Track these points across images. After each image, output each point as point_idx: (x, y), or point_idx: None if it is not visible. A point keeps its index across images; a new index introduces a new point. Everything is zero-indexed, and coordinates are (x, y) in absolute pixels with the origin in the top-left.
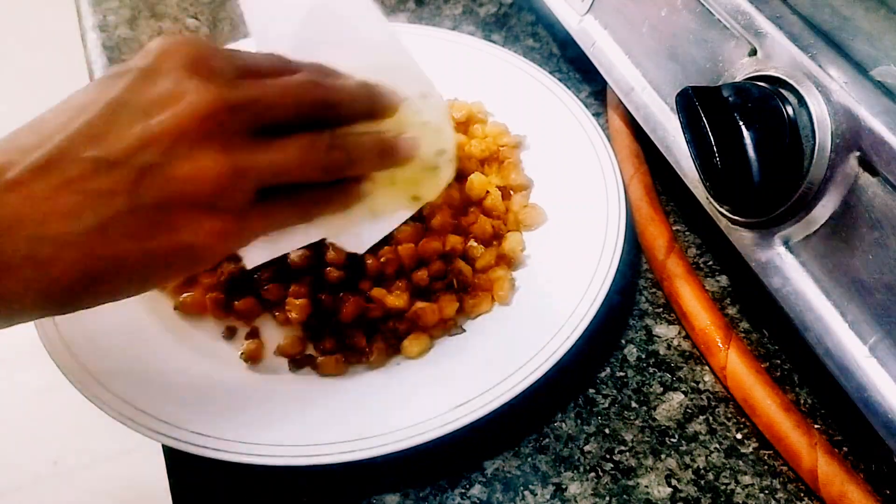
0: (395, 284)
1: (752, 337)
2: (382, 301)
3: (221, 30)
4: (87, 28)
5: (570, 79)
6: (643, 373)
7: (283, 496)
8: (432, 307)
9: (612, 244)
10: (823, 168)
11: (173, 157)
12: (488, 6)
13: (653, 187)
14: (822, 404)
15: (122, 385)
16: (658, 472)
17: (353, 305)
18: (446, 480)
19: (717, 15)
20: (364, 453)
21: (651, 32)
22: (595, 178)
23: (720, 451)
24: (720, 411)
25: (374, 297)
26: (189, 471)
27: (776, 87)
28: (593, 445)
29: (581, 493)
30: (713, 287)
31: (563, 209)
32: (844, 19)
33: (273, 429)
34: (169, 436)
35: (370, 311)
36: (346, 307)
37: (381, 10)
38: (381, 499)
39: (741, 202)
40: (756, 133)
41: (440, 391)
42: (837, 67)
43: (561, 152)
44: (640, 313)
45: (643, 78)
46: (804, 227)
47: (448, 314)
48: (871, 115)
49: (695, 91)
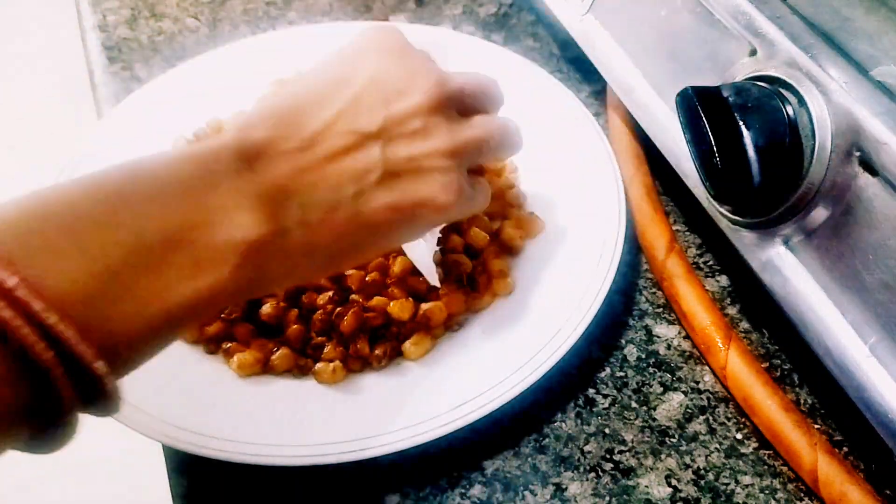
0: (390, 291)
1: (752, 337)
2: (385, 310)
3: (221, 30)
4: (87, 28)
5: (570, 79)
6: (643, 373)
7: (283, 496)
8: (439, 306)
9: (612, 244)
10: (823, 168)
11: (415, 130)
12: (488, 6)
13: (653, 187)
14: (822, 404)
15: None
16: (658, 472)
17: (354, 318)
18: (446, 480)
19: (717, 15)
20: (364, 453)
21: (651, 32)
22: (595, 178)
23: (720, 451)
24: (720, 411)
25: (373, 307)
26: (189, 471)
27: (776, 87)
28: (593, 445)
29: (581, 493)
30: (713, 287)
31: (563, 209)
32: (844, 19)
33: (273, 429)
34: (169, 436)
35: (370, 319)
36: (345, 321)
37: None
38: (381, 499)
39: (741, 202)
40: (756, 133)
41: (440, 391)
42: (837, 67)
43: (561, 152)
44: (640, 313)
45: (643, 78)
46: (804, 227)
47: (455, 310)
48: (871, 115)
49: (695, 91)
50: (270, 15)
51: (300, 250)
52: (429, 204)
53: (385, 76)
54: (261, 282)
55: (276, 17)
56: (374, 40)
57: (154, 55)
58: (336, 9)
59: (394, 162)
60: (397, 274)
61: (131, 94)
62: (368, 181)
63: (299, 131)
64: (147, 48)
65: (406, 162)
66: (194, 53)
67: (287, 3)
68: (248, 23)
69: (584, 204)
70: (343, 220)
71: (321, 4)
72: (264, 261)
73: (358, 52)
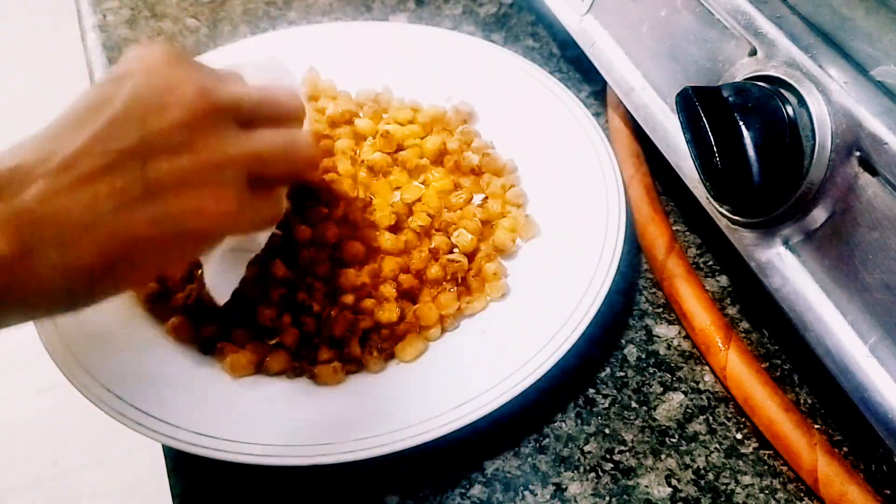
0: (381, 291)
1: (752, 337)
2: (373, 314)
3: (221, 30)
4: (87, 28)
5: (570, 79)
6: (643, 373)
7: (282, 496)
8: (430, 306)
9: (612, 244)
10: (823, 168)
11: (177, 144)
12: (488, 6)
13: (653, 187)
14: (822, 404)
15: (122, 385)
16: (658, 472)
17: (343, 321)
18: (446, 480)
19: (717, 15)
20: (364, 453)
21: (651, 32)
22: (595, 178)
23: (720, 451)
24: (720, 411)
25: (364, 309)
26: (189, 471)
27: (776, 87)
28: (593, 445)
29: (581, 493)
30: (713, 287)
31: (563, 209)
32: (844, 19)
33: (273, 429)
34: (169, 436)
35: (360, 321)
36: (336, 324)
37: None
38: (381, 499)
39: (741, 202)
40: (756, 133)
41: (439, 391)
42: (837, 67)
43: (561, 153)
44: (640, 313)
45: (643, 78)
46: (804, 227)
47: (447, 310)
48: (871, 115)
49: (695, 91)
50: (270, 15)
51: (59, 270)
52: (197, 215)
53: (145, 92)
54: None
55: (276, 17)
56: (137, 58)
57: None
58: (336, 9)
59: (155, 177)
60: (387, 275)
61: None
62: (127, 197)
63: (53, 156)
64: None
65: (169, 175)
66: (194, 53)
67: (287, 3)
68: (248, 23)
69: (585, 204)
70: (103, 238)
71: (321, 4)
72: (12, 281)
73: (121, 72)
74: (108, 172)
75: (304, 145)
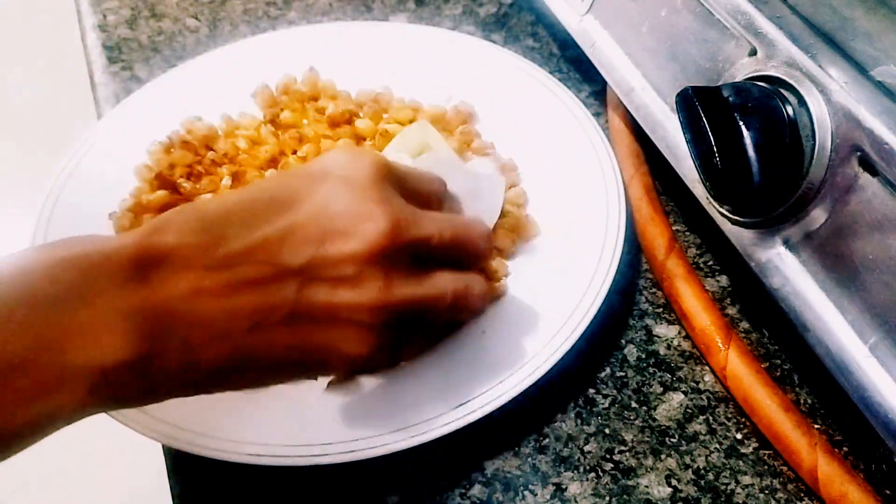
0: None
1: (752, 337)
2: None
3: (221, 30)
4: (87, 28)
5: (570, 79)
6: (643, 373)
7: (282, 496)
8: None
9: (612, 244)
10: (823, 168)
11: (342, 276)
12: (488, 6)
13: (653, 187)
14: (822, 404)
15: None
16: (658, 472)
17: None
18: (446, 480)
19: (717, 15)
20: (364, 453)
21: (651, 32)
22: (595, 178)
23: (720, 451)
24: (720, 411)
25: None
26: (189, 471)
27: (776, 87)
28: (593, 445)
29: (581, 493)
30: (713, 287)
31: (562, 209)
32: (844, 19)
33: (273, 429)
34: (169, 436)
35: None
36: None
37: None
38: (381, 499)
39: (741, 202)
40: (756, 133)
41: (440, 391)
42: (837, 67)
43: (561, 152)
44: (640, 313)
45: (643, 78)
46: (804, 227)
47: None
48: (871, 115)
49: (695, 91)
50: (270, 15)
51: (172, 377)
52: (332, 354)
53: (332, 210)
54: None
55: (276, 17)
56: (341, 164)
57: (154, 55)
58: (336, 9)
59: (307, 304)
60: None
61: (131, 94)
62: (272, 318)
63: (214, 247)
64: (147, 48)
65: (321, 308)
66: (194, 53)
67: (287, 3)
68: (248, 23)
69: (584, 204)
70: (228, 352)
71: (321, 4)
72: (130, 379)
73: (319, 172)
74: (263, 286)
75: (476, 297)
